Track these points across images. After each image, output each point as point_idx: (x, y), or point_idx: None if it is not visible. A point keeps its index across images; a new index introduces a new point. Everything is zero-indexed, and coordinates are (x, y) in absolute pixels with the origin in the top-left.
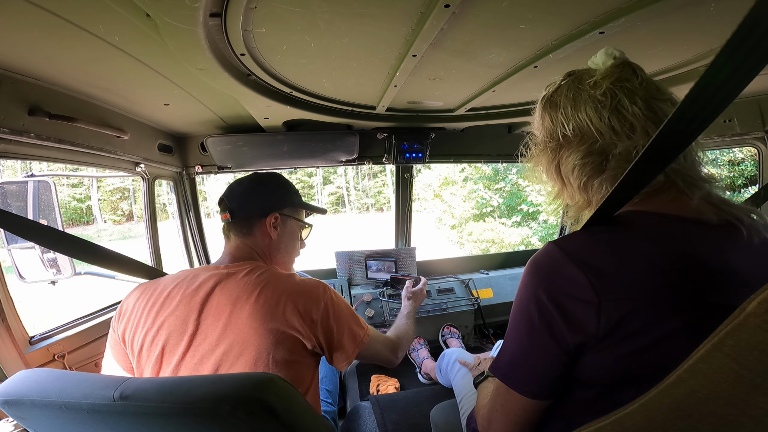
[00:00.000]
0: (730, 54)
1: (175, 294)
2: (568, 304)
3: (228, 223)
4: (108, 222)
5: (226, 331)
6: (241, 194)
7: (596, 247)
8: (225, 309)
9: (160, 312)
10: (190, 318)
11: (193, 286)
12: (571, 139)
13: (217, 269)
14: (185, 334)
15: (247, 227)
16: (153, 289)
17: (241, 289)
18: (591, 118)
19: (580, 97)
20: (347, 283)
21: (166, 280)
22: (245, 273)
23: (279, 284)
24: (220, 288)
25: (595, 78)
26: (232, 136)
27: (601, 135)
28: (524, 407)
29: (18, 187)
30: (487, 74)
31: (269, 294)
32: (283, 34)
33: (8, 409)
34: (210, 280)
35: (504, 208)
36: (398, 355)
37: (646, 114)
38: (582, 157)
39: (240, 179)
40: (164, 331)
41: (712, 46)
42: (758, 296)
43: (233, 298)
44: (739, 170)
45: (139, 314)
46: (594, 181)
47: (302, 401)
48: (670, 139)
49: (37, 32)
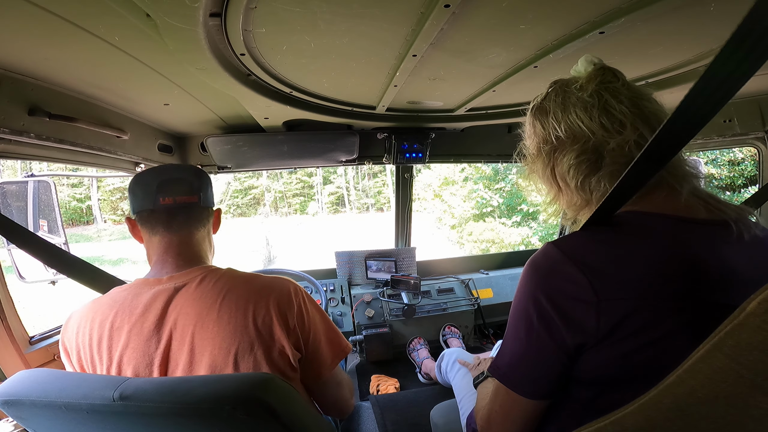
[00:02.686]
0: (730, 54)
1: (120, 324)
2: (567, 305)
3: (187, 209)
4: (108, 222)
5: (193, 356)
6: (201, 178)
7: (595, 247)
8: (187, 332)
9: (112, 348)
10: (150, 349)
11: (137, 310)
12: (564, 141)
13: (159, 283)
14: (153, 368)
15: (207, 218)
16: (90, 319)
17: (199, 304)
18: (582, 119)
19: (569, 100)
20: (347, 283)
21: (101, 306)
22: (198, 283)
23: (241, 289)
24: (173, 307)
25: (580, 82)
26: (232, 136)
27: (593, 133)
28: (524, 408)
29: (18, 187)
30: (487, 74)
31: (233, 304)
32: (283, 34)
33: (8, 409)
34: (157, 300)
35: (504, 208)
36: (352, 400)
37: (633, 111)
38: (576, 156)
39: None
40: (129, 368)
41: (712, 46)
42: (758, 296)
43: (193, 318)
44: (739, 170)
45: (88, 351)
46: (591, 178)
47: (302, 401)
48: (668, 138)
49: (37, 32)
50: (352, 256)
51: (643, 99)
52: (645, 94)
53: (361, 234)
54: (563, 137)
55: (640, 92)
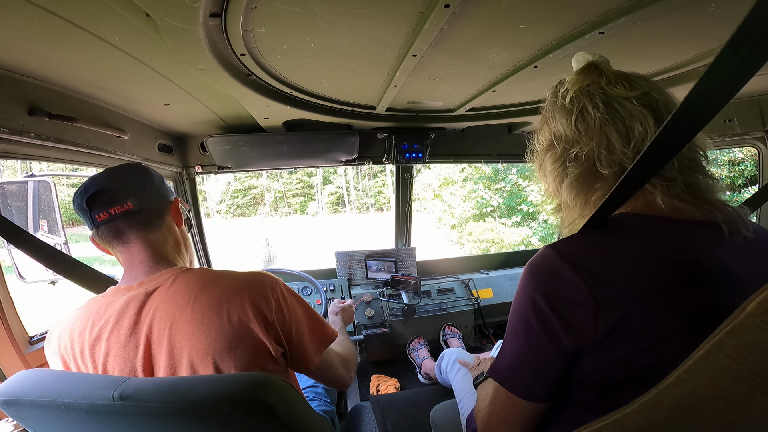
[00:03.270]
0: (730, 54)
1: (98, 333)
2: (566, 308)
3: (127, 217)
4: None
5: (173, 358)
6: (134, 181)
7: (593, 250)
8: (163, 335)
9: (94, 356)
10: (131, 356)
11: (112, 318)
12: (548, 146)
13: (130, 289)
14: (136, 372)
15: (157, 218)
16: (69, 332)
17: (171, 306)
18: (562, 125)
19: (555, 106)
20: (347, 283)
21: (78, 317)
22: (169, 285)
23: (215, 287)
24: (147, 311)
25: (566, 86)
26: (232, 136)
27: (567, 139)
28: (523, 410)
29: (18, 187)
30: (487, 74)
31: (206, 303)
32: (283, 35)
33: (8, 409)
34: (130, 306)
35: (504, 208)
36: (351, 373)
37: (605, 117)
38: (553, 161)
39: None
40: (113, 374)
41: (712, 46)
42: (758, 296)
43: (166, 320)
44: (739, 170)
45: (73, 362)
46: (562, 184)
47: (301, 401)
48: (668, 139)
49: (37, 32)
50: (352, 256)
51: (624, 98)
52: (633, 90)
53: (361, 234)
54: (548, 141)
55: (627, 89)
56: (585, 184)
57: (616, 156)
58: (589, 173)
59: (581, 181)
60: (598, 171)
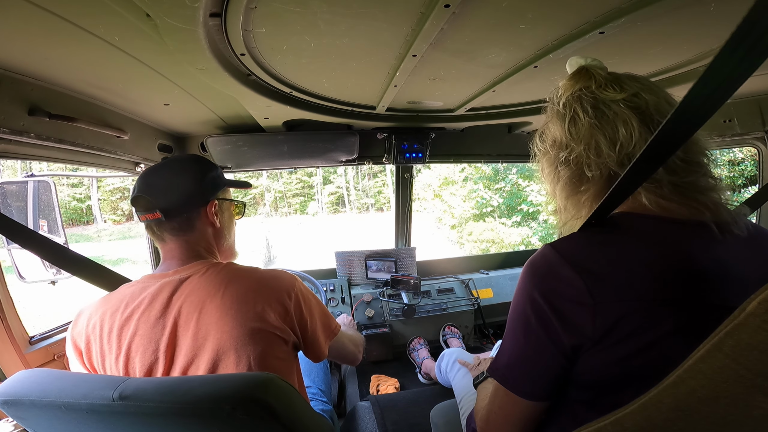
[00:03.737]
0: (729, 54)
1: (130, 314)
2: (564, 307)
3: (159, 223)
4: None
5: (197, 340)
6: (167, 187)
7: (592, 249)
8: (191, 318)
9: (122, 336)
10: (156, 336)
11: (145, 300)
12: (544, 151)
13: (165, 276)
14: (159, 353)
15: (187, 224)
16: (101, 312)
17: (203, 292)
18: (556, 130)
19: (552, 111)
20: (347, 283)
21: (111, 300)
22: (201, 274)
23: (244, 280)
24: (178, 295)
25: (560, 91)
26: (232, 136)
27: (561, 143)
28: (522, 409)
29: (18, 187)
30: (487, 74)
31: (235, 292)
32: (283, 34)
33: (8, 409)
34: (163, 291)
35: (504, 208)
36: (360, 350)
37: (593, 122)
38: (548, 165)
39: (152, 169)
40: (135, 354)
41: (712, 46)
42: (758, 296)
43: (197, 304)
44: (739, 170)
45: (98, 342)
46: (556, 187)
47: (301, 401)
48: (667, 138)
49: (37, 32)
50: (352, 256)
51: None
52: (621, 92)
53: (361, 234)
54: (546, 145)
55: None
56: (574, 186)
57: (603, 159)
58: (578, 176)
59: (571, 184)
60: (584, 174)
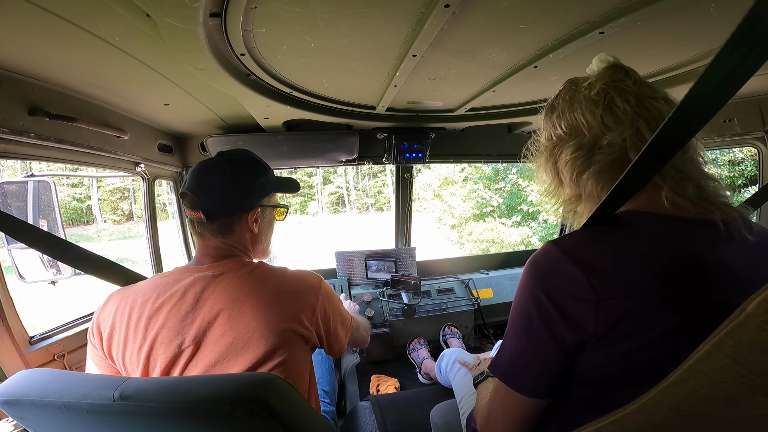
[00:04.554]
0: (730, 54)
1: (161, 304)
2: (567, 303)
3: (200, 222)
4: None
5: (225, 336)
6: (215, 189)
7: (595, 246)
8: (223, 314)
9: (149, 326)
10: (184, 329)
11: (177, 293)
12: (565, 137)
13: (199, 270)
14: (184, 346)
15: (227, 228)
16: (131, 300)
17: (236, 290)
18: (585, 116)
19: (576, 98)
20: (347, 283)
21: (143, 289)
22: (235, 272)
23: (276, 281)
24: (210, 291)
25: (590, 80)
26: (232, 136)
27: (591, 130)
28: (523, 406)
29: (18, 187)
30: (487, 74)
31: (268, 293)
32: (283, 34)
33: (8, 409)
34: (196, 285)
35: (504, 208)
36: (369, 335)
37: (636, 110)
38: (573, 151)
39: (206, 166)
40: (160, 346)
41: (712, 46)
42: (758, 296)
43: (229, 302)
44: (739, 170)
45: (123, 330)
46: (583, 175)
47: (302, 401)
48: (670, 136)
49: (37, 32)
50: (352, 256)
51: (653, 98)
52: (656, 92)
53: (361, 234)
54: (564, 133)
55: (651, 89)
56: (613, 173)
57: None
58: (621, 162)
59: (609, 170)
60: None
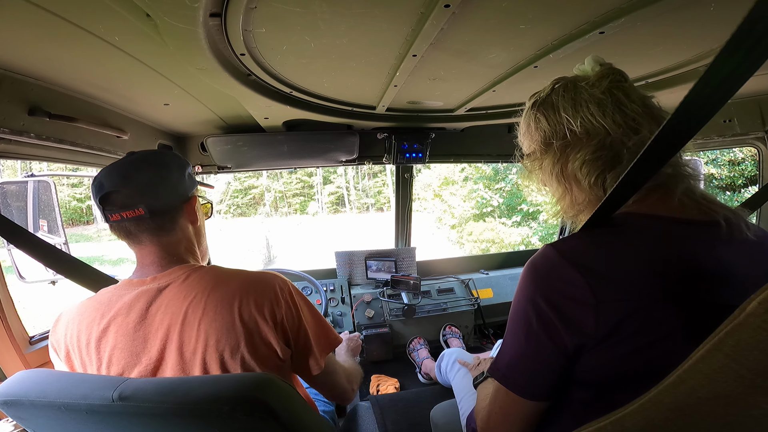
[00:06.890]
0: (730, 54)
1: (106, 324)
2: (566, 306)
3: (138, 222)
4: None
5: (183, 353)
6: (149, 181)
7: (594, 249)
8: (174, 329)
9: (100, 348)
10: (137, 349)
11: (122, 311)
12: (579, 137)
13: (142, 283)
14: (140, 366)
15: (170, 221)
16: (78, 322)
17: (184, 301)
18: (596, 115)
19: (581, 96)
20: (347, 283)
21: (87, 308)
22: (182, 281)
23: (229, 282)
24: (156, 307)
25: (591, 80)
26: (232, 136)
27: (608, 130)
28: (523, 409)
29: (18, 187)
30: (487, 74)
31: (218, 297)
32: (283, 34)
33: (7, 409)
34: (140, 301)
35: (504, 208)
36: (354, 387)
37: (644, 110)
38: (593, 152)
39: (124, 163)
40: (117, 368)
41: (712, 46)
42: (758, 296)
43: (178, 315)
44: (739, 170)
45: (77, 353)
46: (606, 175)
47: (301, 401)
48: (668, 138)
49: (37, 32)
50: (352, 256)
51: (650, 100)
52: (648, 95)
53: (361, 234)
54: (577, 133)
55: (645, 92)
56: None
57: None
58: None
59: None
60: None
